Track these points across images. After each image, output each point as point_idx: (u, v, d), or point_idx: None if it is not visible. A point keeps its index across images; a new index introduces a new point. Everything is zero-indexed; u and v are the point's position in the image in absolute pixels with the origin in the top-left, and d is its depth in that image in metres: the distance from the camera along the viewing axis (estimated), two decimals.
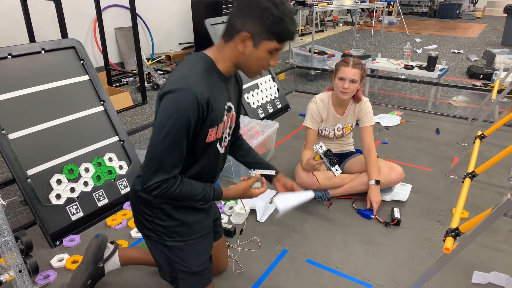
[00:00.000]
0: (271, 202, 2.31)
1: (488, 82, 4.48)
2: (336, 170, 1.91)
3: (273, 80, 3.72)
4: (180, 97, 1.15)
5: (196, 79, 1.18)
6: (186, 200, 1.34)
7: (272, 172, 1.55)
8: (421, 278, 1.58)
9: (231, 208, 2.21)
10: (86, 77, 2.31)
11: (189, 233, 1.42)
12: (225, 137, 1.40)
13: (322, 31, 8.62)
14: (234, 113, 1.42)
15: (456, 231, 1.48)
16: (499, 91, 3.09)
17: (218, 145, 1.36)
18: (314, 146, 1.91)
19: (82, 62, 2.32)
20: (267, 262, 1.85)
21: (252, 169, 1.50)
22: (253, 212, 2.20)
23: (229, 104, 1.35)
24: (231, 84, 1.37)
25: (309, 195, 1.59)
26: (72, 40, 2.34)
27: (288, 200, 1.54)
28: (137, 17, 4.24)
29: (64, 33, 3.22)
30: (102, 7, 4.21)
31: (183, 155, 1.23)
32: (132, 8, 3.70)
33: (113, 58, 5.21)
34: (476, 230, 1.36)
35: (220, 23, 3.55)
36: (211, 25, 3.46)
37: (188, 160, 1.30)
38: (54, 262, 1.84)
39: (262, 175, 1.50)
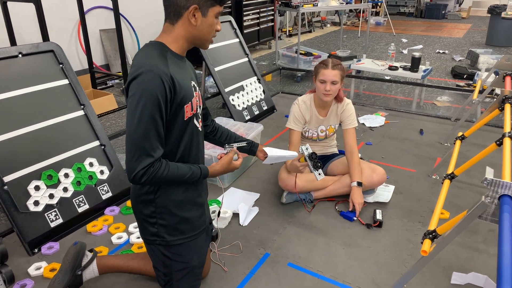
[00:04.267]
0: (253, 205, 2.31)
1: (471, 82, 4.54)
2: (319, 174, 1.91)
3: (259, 82, 3.72)
4: (145, 80, 1.22)
5: (155, 61, 1.25)
6: (175, 182, 1.38)
7: (244, 144, 1.71)
8: (400, 280, 1.59)
9: (213, 212, 2.19)
10: (65, 81, 2.28)
11: (190, 229, 1.49)
12: (199, 114, 1.47)
13: (310, 31, 8.64)
14: (199, 92, 1.49)
15: (434, 234, 1.50)
16: (481, 91, 3.13)
17: (195, 121, 1.42)
18: (300, 148, 1.91)
19: (61, 66, 2.28)
20: (248, 266, 1.84)
21: (227, 144, 1.60)
22: (235, 216, 2.19)
23: (193, 83, 1.42)
24: (188, 65, 1.46)
25: (293, 154, 1.84)
26: (51, 44, 2.30)
27: (275, 151, 1.77)
28: (122, 18, 4.21)
29: (45, 36, 3.17)
30: (86, 8, 4.16)
31: (162, 136, 1.29)
32: (115, 8, 3.65)
33: (99, 60, 5.16)
34: (452, 233, 1.38)
35: None
36: None
37: (174, 143, 1.36)
38: (32, 270, 1.80)
39: (238, 147, 1.61)
